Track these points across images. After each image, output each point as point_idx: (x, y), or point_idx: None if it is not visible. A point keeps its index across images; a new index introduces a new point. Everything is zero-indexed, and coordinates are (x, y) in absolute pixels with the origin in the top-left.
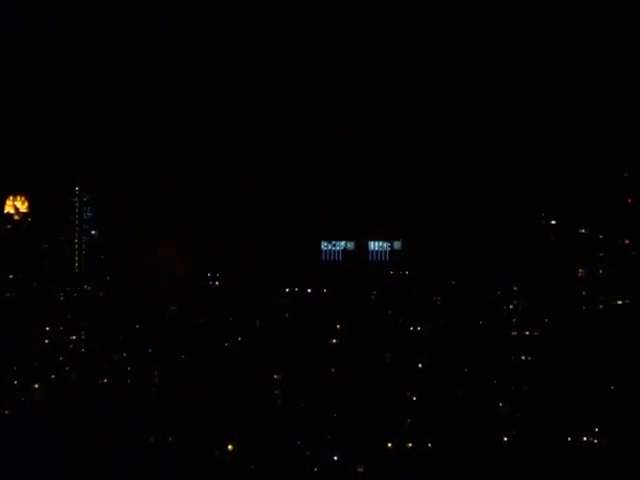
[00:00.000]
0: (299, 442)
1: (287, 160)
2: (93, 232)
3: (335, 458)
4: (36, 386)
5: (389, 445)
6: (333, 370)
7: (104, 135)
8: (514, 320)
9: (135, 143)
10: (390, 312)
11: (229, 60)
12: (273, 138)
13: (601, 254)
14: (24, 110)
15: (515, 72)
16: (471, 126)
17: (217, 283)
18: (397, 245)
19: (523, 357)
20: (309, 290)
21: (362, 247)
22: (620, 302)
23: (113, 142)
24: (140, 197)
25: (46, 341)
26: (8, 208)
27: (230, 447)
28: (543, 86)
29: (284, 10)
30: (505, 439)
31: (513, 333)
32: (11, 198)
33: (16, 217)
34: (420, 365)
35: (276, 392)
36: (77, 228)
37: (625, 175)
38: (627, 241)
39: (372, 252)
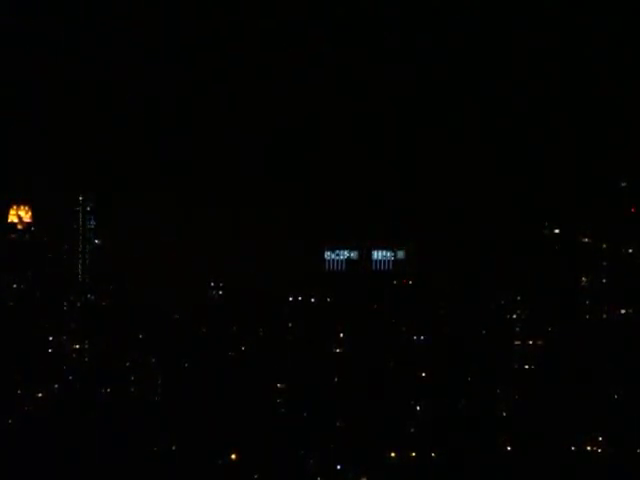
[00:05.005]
0: (302, 451)
1: (291, 169)
2: (96, 241)
3: (338, 467)
4: (39, 395)
5: (392, 454)
6: (336, 379)
7: (107, 145)
8: (517, 329)
9: (138, 153)
10: (393, 321)
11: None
12: (277, 148)
13: (604, 263)
14: (27, 120)
15: (517, 83)
16: (474, 136)
17: (220, 292)
18: (400, 254)
19: (526, 366)
20: (312, 299)
21: (366, 256)
22: (623, 311)
23: (116, 152)
24: (143, 207)
25: (49, 350)
26: (12, 217)
27: (233, 456)
28: (544, 96)
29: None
30: (508, 448)
31: (516, 342)
32: (15, 208)
33: (20, 226)
34: (423, 374)
35: (279, 401)
36: (80, 237)
37: (623, 185)
38: (630, 250)
39: (376, 261)
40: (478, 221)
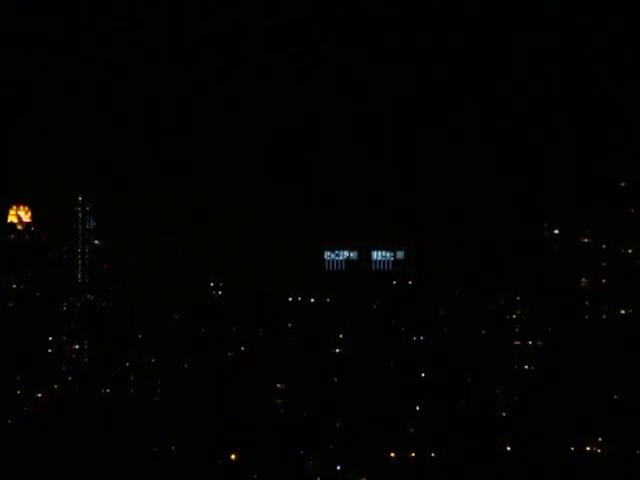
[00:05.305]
0: (302, 452)
1: (291, 169)
2: (96, 242)
3: (338, 467)
4: (39, 395)
5: (392, 454)
6: (336, 379)
7: (107, 145)
8: (517, 329)
9: (138, 153)
10: (393, 322)
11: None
12: (277, 148)
13: (603, 264)
14: (27, 120)
15: (517, 83)
16: (474, 136)
17: (220, 293)
18: (400, 255)
19: (526, 367)
20: (312, 300)
21: (365, 257)
22: (623, 312)
23: (116, 152)
24: (143, 207)
25: (49, 351)
26: (11, 218)
27: (233, 457)
28: (544, 96)
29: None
30: (508, 449)
31: (516, 343)
32: (14, 208)
33: (19, 227)
34: (423, 375)
35: (279, 401)
36: (80, 238)
37: (622, 185)
38: (630, 250)
39: (375, 262)
40: (478, 221)
